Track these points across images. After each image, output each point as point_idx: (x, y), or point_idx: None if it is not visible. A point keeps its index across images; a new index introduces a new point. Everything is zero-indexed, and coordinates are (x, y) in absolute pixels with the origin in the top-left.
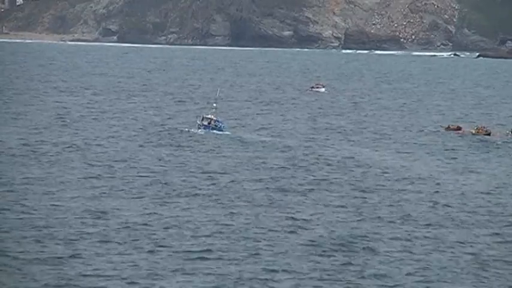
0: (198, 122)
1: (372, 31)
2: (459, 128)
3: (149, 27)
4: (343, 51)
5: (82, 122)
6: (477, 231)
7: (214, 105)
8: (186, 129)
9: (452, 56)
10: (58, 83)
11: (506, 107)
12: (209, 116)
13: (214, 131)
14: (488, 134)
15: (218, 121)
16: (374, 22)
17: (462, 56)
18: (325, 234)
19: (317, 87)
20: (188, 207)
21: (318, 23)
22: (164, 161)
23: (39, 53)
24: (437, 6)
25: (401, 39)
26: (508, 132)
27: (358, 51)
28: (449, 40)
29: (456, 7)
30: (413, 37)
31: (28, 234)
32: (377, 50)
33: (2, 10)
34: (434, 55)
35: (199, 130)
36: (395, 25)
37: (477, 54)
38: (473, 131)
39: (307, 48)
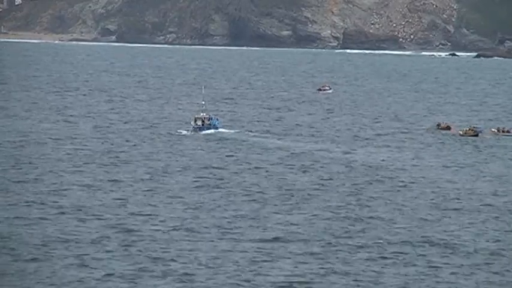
0: (192, 123)
1: (371, 31)
2: (449, 128)
3: (148, 27)
4: (348, 51)
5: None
6: (474, 228)
7: (203, 102)
8: (183, 132)
9: (450, 56)
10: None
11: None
12: (201, 115)
13: (210, 131)
14: (476, 135)
15: (211, 118)
16: (372, 22)
17: (460, 55)
18: (325, 232)
19: (324, 89)
20: (188, 209)
21: (316, 23)
22: (157, 165)
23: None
24: (436, 6)
25: (400, 39)
26: (494, 130)
27: (368, 51)
28: (447, 40)
29: (455, 7)
30: (411, 37)
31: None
32: (375, 49)
33: (1, 10)
34: (433, 55)
35: (194, 132)
36: (394, 25)
37: (476, 54)
38: (461, 132)
39: (306, 48)
